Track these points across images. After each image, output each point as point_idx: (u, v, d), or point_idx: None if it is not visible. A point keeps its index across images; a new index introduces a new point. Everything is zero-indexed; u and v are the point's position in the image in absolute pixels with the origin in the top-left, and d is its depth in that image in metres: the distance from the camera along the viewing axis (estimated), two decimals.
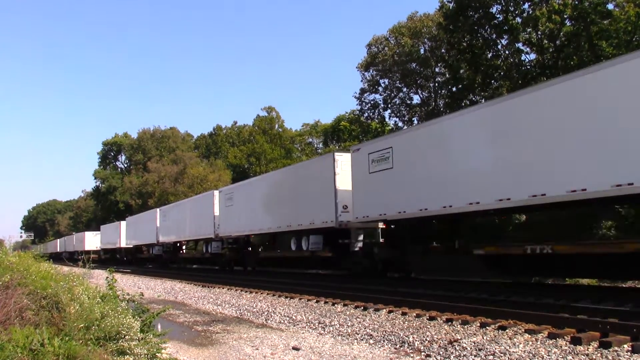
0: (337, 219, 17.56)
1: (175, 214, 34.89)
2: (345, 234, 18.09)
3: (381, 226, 17.21)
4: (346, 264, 18.52)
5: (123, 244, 46.30)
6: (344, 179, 17.64)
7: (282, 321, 10.42)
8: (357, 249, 17.89)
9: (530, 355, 6.38)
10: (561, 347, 6.65)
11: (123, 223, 46.87)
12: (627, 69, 9.50)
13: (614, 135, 9.60)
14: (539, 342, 6.96)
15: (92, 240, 56.29)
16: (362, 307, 11.00)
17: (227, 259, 28.21)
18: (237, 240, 26.54)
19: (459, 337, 7.51)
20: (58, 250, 71.55)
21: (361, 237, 18.00)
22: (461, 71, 28.72)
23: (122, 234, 46.31)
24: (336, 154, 18.23)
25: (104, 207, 73.59)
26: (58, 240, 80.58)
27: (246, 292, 16.07)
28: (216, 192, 28.47)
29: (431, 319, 9.20)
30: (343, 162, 17.84)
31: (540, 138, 10.90)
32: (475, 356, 6.61)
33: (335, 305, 11.79)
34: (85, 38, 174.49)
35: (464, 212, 12.98)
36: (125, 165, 76.05)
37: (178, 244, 35.77)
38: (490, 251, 12.77)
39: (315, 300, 12.68)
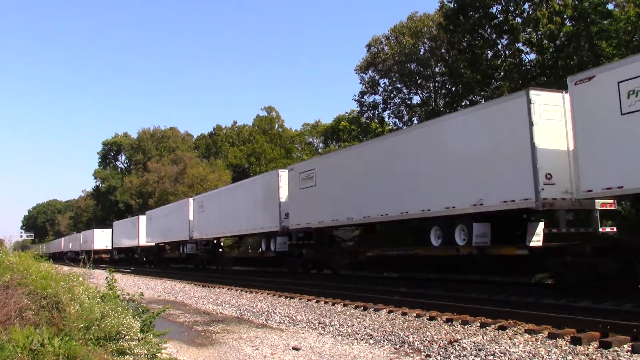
0: (538, 194, 11.18)
1: (217, 204, 28.17)
2: (521, 221, 12.22)
3: (600, 206, 12.04)
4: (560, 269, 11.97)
5: (142, 242, 40.40)
6: (546, 133, 11.40)
7: (282, 321, 10.42)
8: (537, 243, 11.92)
9: (530, 355, 6.38)
10: (561, 347, 6.65)
11: (142, 218, 40.99)
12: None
13: None
14: (539, 342, 6.97)
15: (102, 239, 51.65)
16: (362, 307, 10.99)
17: (300, 259, 21.37)
18: (318, 234, 19.96)
19: (459, 337, 7.52)
20: (62, 250, 68.60)
21: (540, 227, 11.95)
22: (461, 71, 28.74)
23: (141, 231, 40.28)
24: (532, 92, 11.68)
25: (104, 207, 73.68)
26: (62, 238, 76.48)
27: (246, 292, 16.07)
28: (282, 172, 21.93)
29: (431, 319, 9.20)
30: (544, 104, 11.59)
31: None
32: (475, 356, 6.61)
33: (335, 305, 11.79)
34: (85, 38, 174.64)
35: None
36: (125, 165, 76.17)
37: (216, 241, 29.64)
38: None
39: (315, 300, 12.68)
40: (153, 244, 38.64)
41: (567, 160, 11.37)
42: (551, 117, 11.65)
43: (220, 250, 30.14)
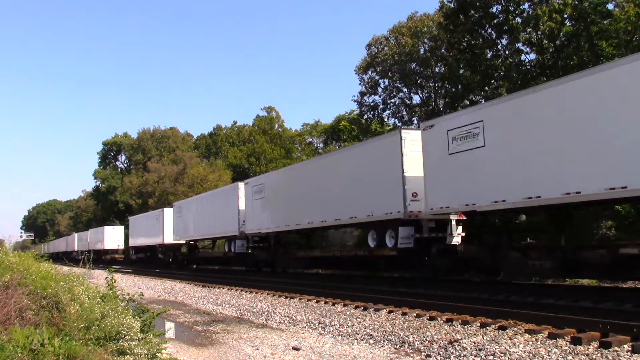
0: None
1: (286, 187, 21.83)
2: None
3: None
4: None
5: (167, 240, 34.50)
6: None
7: (282, 321, 10.42)
8: None
9: (530, 355, 6.38)
10: (561, 347, 6.65)
11: (168, 211, 35.13)
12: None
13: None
14: (539, 342, 6.97)
15: (113, 237, 47.77)
16: (362, 307, 11.00)
17: (445, 259, 14.86)
18: (490, 218, 14.21)
19: (459, 337, 7.51)
20: (66, 249, 66.10)
21: None
22: (461, 71, 28.73)
23: (166, 226, 34.47)
24: None
25: (104, 207, 73.59)
26: (66, 237, 73.44)
27: (246, 292, 16.07)
28: (408, 133, 15.38)
29: (431, 319, 9.20)
30: None
31: None
32: (475, 356, 6.61)
33: (336, 305, 11.79)
34: (85, 37, 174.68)
35: None
36: (125, 165, 76.11)
37: (277, 236, 23.28)
38: None
39: (315, 300, 12.68)
40: (183, 242, 32.81)
41: None
42: None
43: (276, 246, 23.78)
